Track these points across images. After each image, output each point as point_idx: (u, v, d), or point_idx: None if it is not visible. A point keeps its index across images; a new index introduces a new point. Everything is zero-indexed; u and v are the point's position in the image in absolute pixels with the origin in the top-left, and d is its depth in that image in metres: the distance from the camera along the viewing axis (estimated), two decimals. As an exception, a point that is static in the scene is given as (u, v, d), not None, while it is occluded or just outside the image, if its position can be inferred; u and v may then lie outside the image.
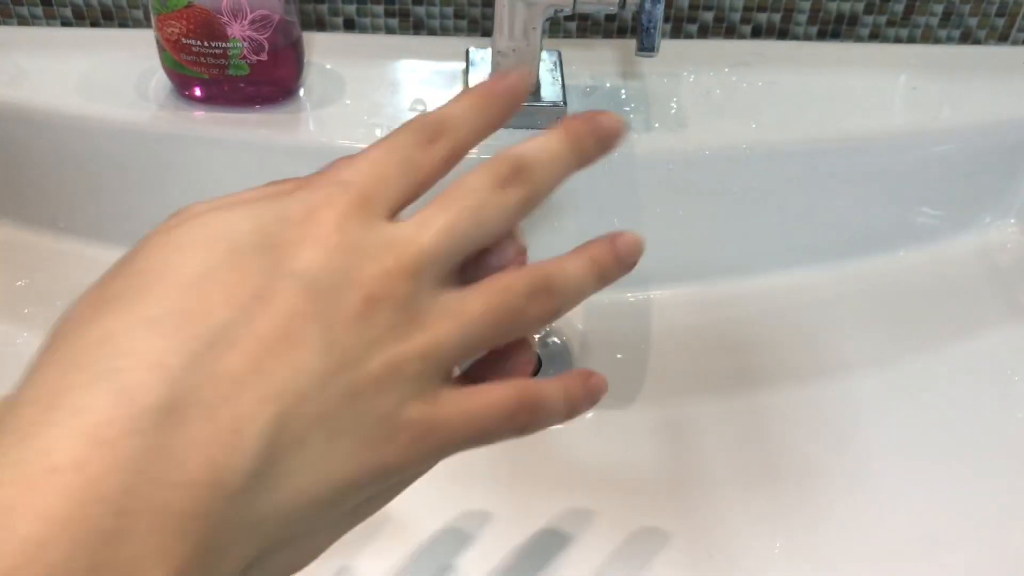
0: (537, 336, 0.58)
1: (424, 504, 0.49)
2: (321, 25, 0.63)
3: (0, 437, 0.21)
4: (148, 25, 0.60)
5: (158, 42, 0.54)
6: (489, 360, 0.31)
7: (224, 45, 0.53)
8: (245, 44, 0.54)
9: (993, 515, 0.49)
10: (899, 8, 0.63)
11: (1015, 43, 0.65)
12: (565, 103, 0.56)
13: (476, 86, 0.31)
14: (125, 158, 0.57)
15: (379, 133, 0.56)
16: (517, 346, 0.31)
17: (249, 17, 0.53)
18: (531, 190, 0.29)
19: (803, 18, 0.63)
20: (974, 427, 0.53)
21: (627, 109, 0.58)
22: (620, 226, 0.59)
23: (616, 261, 0.31)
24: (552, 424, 0.30)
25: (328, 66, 0.60)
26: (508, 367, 0.30)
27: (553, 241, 0.58)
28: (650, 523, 0.49)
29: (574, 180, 0.58)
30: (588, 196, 0.57)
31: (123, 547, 0.20)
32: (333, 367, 0.24)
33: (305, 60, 0.59)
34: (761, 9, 0.63)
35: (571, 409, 0.30)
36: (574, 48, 0.61)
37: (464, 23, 0.63)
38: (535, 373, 0.56)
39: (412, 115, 0.57)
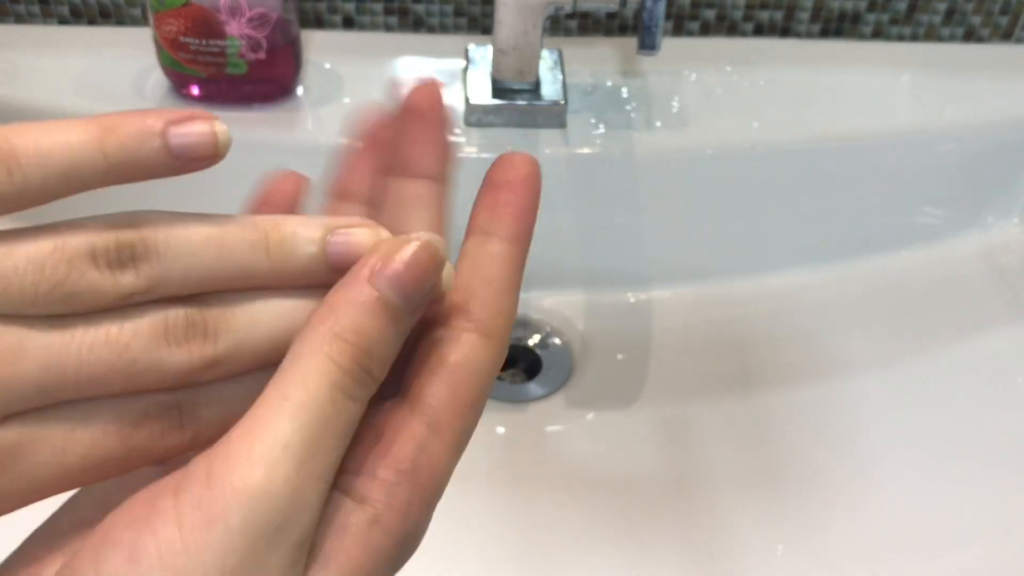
0: (538, 336, 0.58)
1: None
2: (320, 23, 0.63)
3: None
4: (146, 23, 0.59)
5: (156, 40, 0.54)
6: None
7: (222, 43, 0.53)
8: (243, 42, 0.53)
9: (996, 515, 0.49)
10: (902, 6, 0.63)
11: (1019, 41, 0.65)
12: (566, 101, 0.56)
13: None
14: (122, 157, 0.56)
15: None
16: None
17: (247, 15, 0.53)
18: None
19: (805, 16, 0.63)
20: (977, 428, 0.53)
21: (628, 108, 0.58)
22: (621, 226, 0.59)
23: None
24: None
25: (327, 64, 0.60)
26: None
27: (552, 240, 0.58)
28: (651, 524, 0.49)
29: (573, 180, 0.58)
30: (588, 195, 0.57)
31: None
32: None
33: (303, 58, 0.58)
34: (763, 7, 0.63)
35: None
36: (575, 46, 0.61)
37: (464, 21, 0.63)
38: (535, 374, 0.56)
39: (412, 114, 0.57)
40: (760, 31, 0.64)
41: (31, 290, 0.21)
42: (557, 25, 0.63)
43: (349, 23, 0.63)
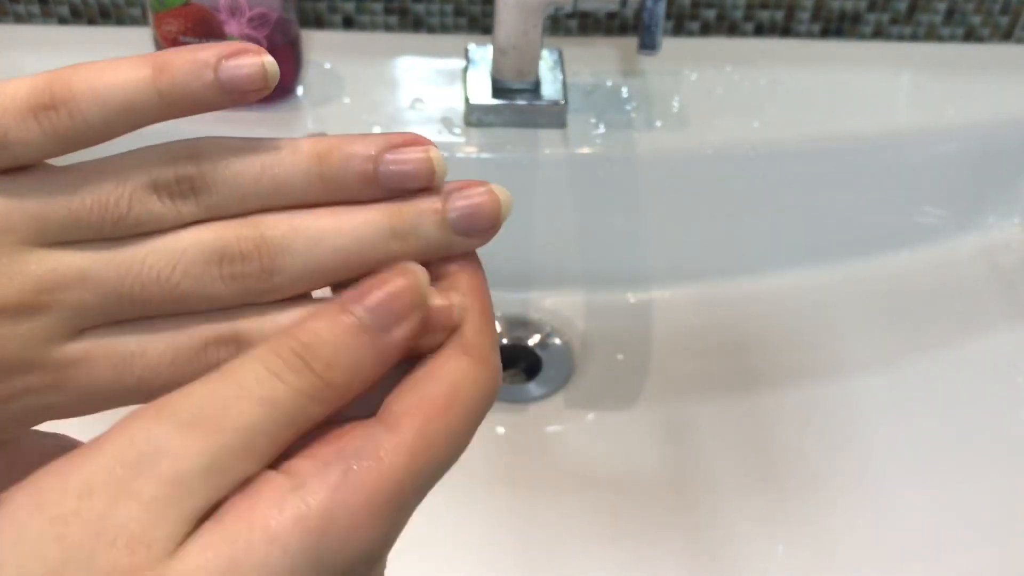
0: (538, 336, 0.58)
1: (424, 505, 0.49)
2: (320, 23, 0.63)
3: None
4: (146, 23, 0.59)
5: (155, 40, 0.54)
6: None
7: (222, 43, 0.53)
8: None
9: (996, 516, 0.49)
10: (902, 6, 0.63)
11: (1019, 41, 0.65)
12: (566, 101, 0.56)
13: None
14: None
15: (377, 132, 0.55)
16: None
17: (247, 15, 0.53)
18: None
19: (806, 16, 0.63)
20: (977, 428, 0.53)
21: (628, 108, 0.58)
22: (621, 226, 0.59)
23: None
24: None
25: (327, 64, 0.60)
26: None
27: (553, 240, 0.58)
28: (651, 524, 0.49)
29: (573, 180, 0.58)
30: (589, 195, 0.57)
31: None
32: None
33: (304, 58, 0.58)
34: (763, 7, 0.63)
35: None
36: (575, 46, 0.61)
37: (464, 20, 0.63)
38: (535, 374, 0.56)
39: (412, 113, 0.57)
40: (760, 31, 0.64)
41: (97, 223, 0.23)
42: (557, 25, 0.63)
43: (349, 23, 0.63)
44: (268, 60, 0.23)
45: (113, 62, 0.23)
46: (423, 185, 0.24)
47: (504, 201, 0.24)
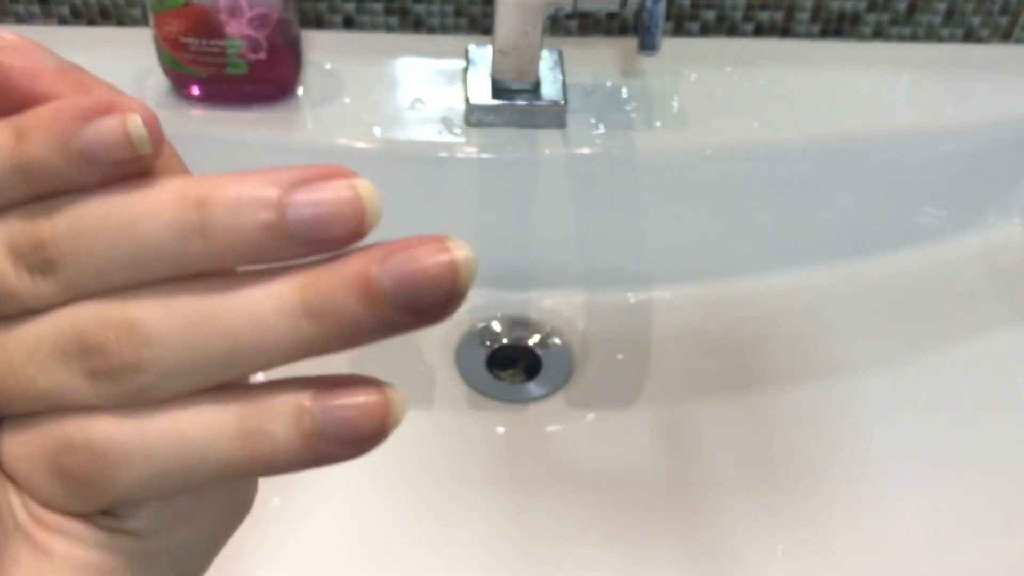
0: (538, 336, 0.58)
1: (423, 505, 0.49)
2: (320, 23, 0.63)
3: None
4: (146, 23, 0.59)
5: (156, 41, 0.54)
6: None
7: (222, 43, 0.53)
8: (243, 42, 0.53)
9: (996, 516, 0.49)
10: (901, 7, 0.63)
11: (1018, 42, 0.65)
12: (566, 101, 0.56)
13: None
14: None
15: (377, 132, 0.55)
16: None
17: (247, 15, 0.53)
18: None
19: (805, 16, 0.63)
20: (977, 428, 0.53)
21: (628, 108, 0.58)
22: (621, 226, 0.59)
23: None
24: None
25: (327, 65, 0.60)
26: None
27: (553, 240, 0.58)
28: (651, 524, 0.49)
29: (573, 180, 0.58)
30: (589, 195, 0.57)
31: None
32: None
33: (304, 59, 0.58)
34: (763, 7, 0.63)
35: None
36: (575, 46, 0.61)
37: (464, 21, 0.63)
38: (535, 374, 0.56)
39: (412, 113, 0.57)
40: (760, 31, 0.64)
41: None
42: (557, 25, 0.63)
43: (349, 23, 0.63)
44: (132, 120, 0.17)
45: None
46: (350, 232, 0.17)
47: (465, 264, 0.17)
